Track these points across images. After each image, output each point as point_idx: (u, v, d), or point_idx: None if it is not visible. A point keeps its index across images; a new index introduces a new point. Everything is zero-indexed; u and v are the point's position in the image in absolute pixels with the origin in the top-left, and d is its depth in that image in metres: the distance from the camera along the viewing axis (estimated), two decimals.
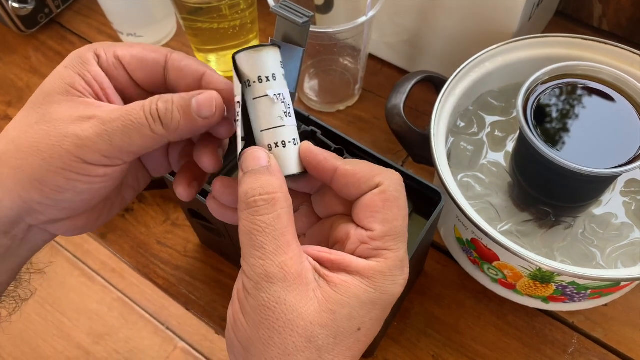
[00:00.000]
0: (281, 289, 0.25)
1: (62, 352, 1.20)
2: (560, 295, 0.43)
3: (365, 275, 0.26)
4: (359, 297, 0.26)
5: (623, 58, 0.46)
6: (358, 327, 0.26)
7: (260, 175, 0.27)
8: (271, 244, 0.25)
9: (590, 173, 0.38)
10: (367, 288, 0.26)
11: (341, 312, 0.25)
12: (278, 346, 0.25)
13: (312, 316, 0.25)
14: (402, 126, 0.47)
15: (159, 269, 0.52)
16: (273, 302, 0.25)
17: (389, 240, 0.27)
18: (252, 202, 0.26)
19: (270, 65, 0.31)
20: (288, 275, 0.25)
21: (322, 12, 0.59)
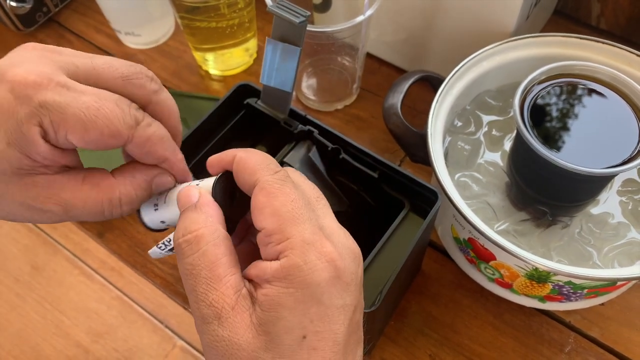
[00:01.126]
0: (217, 327, 0.25)
1: (61, 351, 1.20)
2: (557, 295, 0.43)
3: (280, 277, 0.24)
4: (284, 304, 0.24)
5: (620, 57, 0.46)
6: (302, 335, 0.24)
7: (186, 214, 0.27)
8: (201, 285, 0.25)
9: (586, 173, 0.38)
10: (287, 290, 0.24)
11: (275, 330, 0.24)
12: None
13: (252, 343, 0.24)
14: (399, 126, 0.47)
15: (156, 268, 0.52)
16: (213, 341, 0.25)
17: (285, 228, 0.25)
18: (177, 247, 0.26)
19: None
20: (222, 312, 0.24)
21: (320, 11, 0.59)
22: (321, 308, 0.25)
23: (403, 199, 0.41)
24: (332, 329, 0.25)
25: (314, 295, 0.25)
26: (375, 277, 0.38)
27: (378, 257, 0.38)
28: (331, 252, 0.25)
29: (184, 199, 0.27)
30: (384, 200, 0.41)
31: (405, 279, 0.46)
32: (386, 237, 0.39)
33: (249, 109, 0.43)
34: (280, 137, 0.42)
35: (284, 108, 0.41)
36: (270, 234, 0.25)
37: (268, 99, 0.42)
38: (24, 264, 1.33)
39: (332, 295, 0.25)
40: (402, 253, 0.37)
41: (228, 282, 0.25)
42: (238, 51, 0.62)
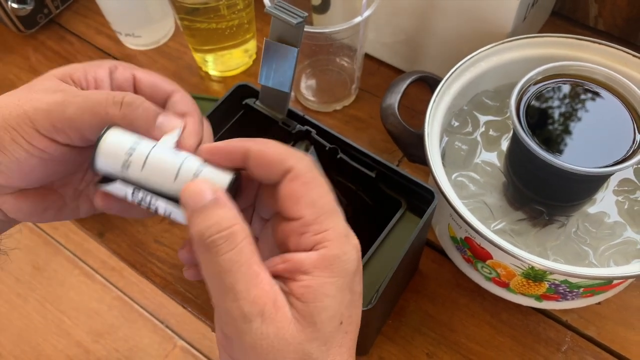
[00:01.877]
0: (261, 324, 0.24)
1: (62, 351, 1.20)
2: (553, 294, 0.43)
3: (322, 267, 0.25)
4: (328, 293, 0.25)
5: (616, 58, 0.47)
6: (340, 321, 0.26)
7: (210, 210, 0.25)
8: (241, 283, 0.24)
9: (582, 172, 0.38)
10: (330, 279, 0.25)
11: (320, 319, 0.25)
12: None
13: (297, 337, 0.25)
14: (397, 126, 0.47)
15: (156, 267, 0.52)
16: (258, 340, 0.24)
17: (324, 220, 0.26)
18: (211, 244, 0.24)
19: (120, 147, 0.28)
20: (265, 308, 0.24)
21: (319, 12, 0.59)
22: (353, 296, 0.26)
23: (400, 198, 0.41)
24: (357, 313, 0.27)
25: (349, 284, 0.26)
26: (373, 275, 0.38)
27: (375, 256, 0.39)
28: (357, 243, 0.27)
29: (196, 196, 0.26)
30: (381, 200, 0.42)
31: (403, 278, 0.47)
32: (383, 236, 0.39)
33: (248, 109, 0.43)
34: (279, 137, 0.42)
35: (282, 108, 0.42)
36: (309, 224, 0.26)
37: (266, 99, 0.42)
38: (25, 264, 1.33)
39: (358, 283, 0.27)
40: (399, 252, 0.37)
41: (264, 278, 0.25)
42: (237, 52, 0.62)
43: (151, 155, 0.28)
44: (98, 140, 0.28)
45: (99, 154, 0.28)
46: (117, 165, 0.28)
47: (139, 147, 0.28)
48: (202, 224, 0.25)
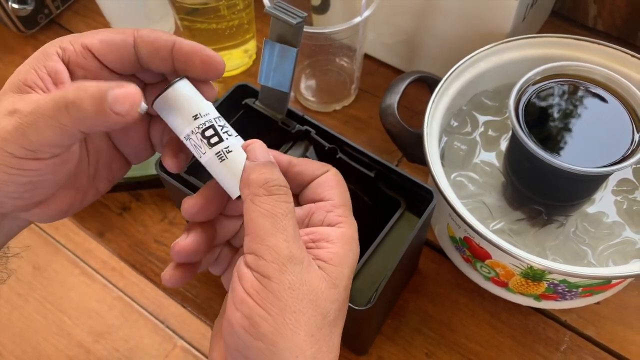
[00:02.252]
0: (303, 270, 0.26)
1: (63, 351, 1.20)
2: (552, 294, 0.43)
3: (345, 241, 0.29)
4: (347, 264, 0.28)
5: (615, 58, 0.47)
6: (347, 295, 0.29)
7: (274, 168, 0.28)
8: (292, 227, 0.27)
9: (581, 172, 0.38)
10: (349, 253, 0.29)
11: (342, 284, 0.28)
12: (304, 328, 0.26)
13: (325, 294, 0.27)
14: (396, 126, 0.48)
15: (156, 267, 0.52)
16: (297, 283, 0.26)
17: (346, 210, 0.31)
18: (274, 189, 0.27)
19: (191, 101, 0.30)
20: (305, 257, 0.27)
21: (318, 12, 0.60)
22: (352, 271, 0.29)
23: (399, 198, 0.41)
24: (350, 286, 0.30)
25: (354, 261, 0.29)
26: (372, 275, 0.38)
27: (374, 256, 0.39)
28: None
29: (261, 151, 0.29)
30: (380, 200, 0.42)
31: (402, 277, 0.47)
32: (382, 235, 0.39)
33: (247, 109, 0.43)
34: (278, 137, 0.42)
35: (282, 108, 0.42)
36: (336, 206, 0.30)
37: (266, 99, 0.42)
38: (26, 264, 1.33)
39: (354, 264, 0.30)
40: (398, 252, 0.37)
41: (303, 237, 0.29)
42: (237, 52, 0.62)
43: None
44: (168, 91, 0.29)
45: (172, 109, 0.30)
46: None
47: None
48: (269, 175, 0.28)
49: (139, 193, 0.56)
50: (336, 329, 0.28)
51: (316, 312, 0.26)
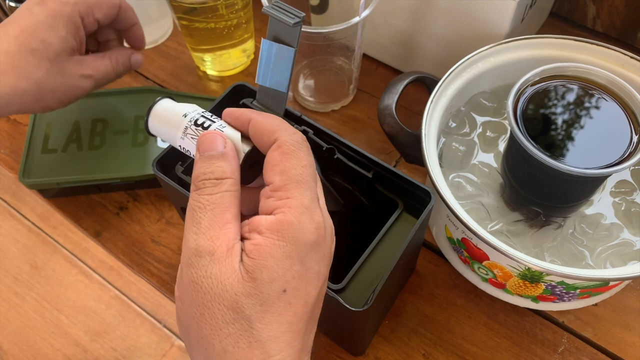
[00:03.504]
0: (208, 262, 0.26)
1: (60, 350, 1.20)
2: (550, 295, 0.43)
3: (274, 230, 0.26)
4: (273, 255, 0.26)
5: (614, 59, 0.47)
6: (283, 288, 0.26)
7: (214, 160, 0.28)
8: (207, 219, 0.26)
9: (579, 173, 0.38)
10: (278, 242, 0.26)
11: (261, 277, 0.26)
12: (209, 322, 0.26)
13: (236, 287, 0.25)
14: (394, 126, 0.47)
15: (152, 267, 0.52)
16: (200, 276, 0.26)
17: (290, 188, 0.27)
18: (200, 184, 0.28)
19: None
20: (217, 249, 0.26)
21: (317, 12, 0.59)
22: (303, 268, 0.27)
23: (397, 199, 0.41)
24: (307, 290, 0.27)
25: (299, 254, 0.27)
26: (369, 276, 0.38)
27: (372, 256, 0.39)
28: (320, 221, 0.28)
29: (209, 144, 0.29)
30: (378, 200, 0.42)
31: (399, 278, 0.47)
32: (380, 236, 0.39)
33: None
34: None
35: (280, 108, 0.41)
36: (275, 189, 0.27)
37: (264, 99, 0.42)
38: (23, 263, 1.33)
39: (312, 259, 0.27)
40: (396, 252, 0.37)
41: (231, 228, 0.27)
42: (235, 52, 0.62)
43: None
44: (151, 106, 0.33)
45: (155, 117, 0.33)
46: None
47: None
48: (202, 168, 0.28)
49: (136, 193, 0.56)
50: (260, 324, 0.26)
51: (224, 306, 0.25)
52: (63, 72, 0.44)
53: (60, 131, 0.55)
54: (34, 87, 0.43)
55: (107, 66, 0.48)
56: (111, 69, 0.48)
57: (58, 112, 0.56)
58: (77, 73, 0.45)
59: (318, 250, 0.28)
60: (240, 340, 0.25)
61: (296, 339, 0.27)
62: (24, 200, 1.43)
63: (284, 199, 0.27)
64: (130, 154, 0.54)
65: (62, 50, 0.44)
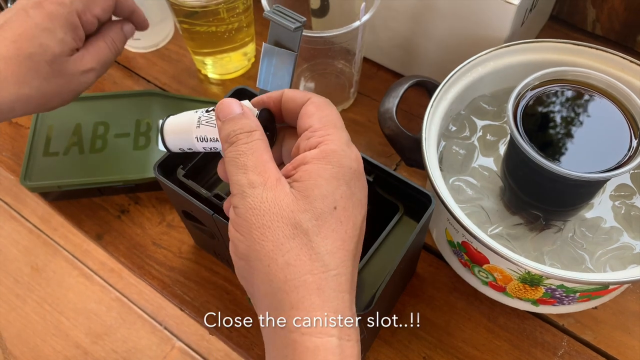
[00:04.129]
0: (262, 191, 0.28)
1: (61, 352, 1.20)
2: (550, 298, 0.43)
3: (320, 157, 0.29)
4: (322, 175, 0.29)
5: (613, 63, 0.47)
6: (334, 205, 0.29)
7: (237, 119, 0.31)
8: (252, 160, 0.29)
9: (579, 177, 0.39)
10: (325, 166, 0.29)
11: (313, 194, 0.28)
12: (271, 240, 0.28)
13: (292, 205, 0.28)
14: (394, 130, 0.48)
15: (154, 270, 0.52)
16: (257, 202, 0.28)
17: (328, 128, 0.30)
18: (233, 139, 0.30)
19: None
20: (268, 180, 0.29)
21: (317, 16, 0.60)
22: (349, 190, 0.29)
23: (398, 202, 0.41)
24: (354, 212, 0.30)
25: (345, 176, 0.29)
26: (370, 279, 0.38)
27: (373, 260, 0.39)
28: (359, 156, 0.31)
29: (228, 109, 0.31)
30: (379, 204, 0.42)
31: (400, 281, 0.47)
32: (381, 240, 0.39)
33: None
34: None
35: None
36: (315, 130, 0.30)
37: None
38: (24, 265, 1.33)
39: (356, 186, 0.30)
40: (397, 256, 0.37)
41: (272, 167, 0.30)
42: (236, 55, 0.63)
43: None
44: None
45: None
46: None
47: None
48: (230, 128, 0.31)
49: (137, 196, 0.56)
50: (317, 237, 0.28)
51: (283, 223, 0.28)
52: (64, 73, 0.44)
53: (61, 134, 0.56)
54: (36, 92, 0.43)
55: (104, 51, 0.47)
56: (109, 52, 0.47)
57: (60, 115, 0.56)
58: (78, 70, 0.45)
59: (360, 178, 0.30)
60: (301, 253, 0.27)
61: (349, 259, 0.29)
62: (25, 203, 1.43)
63: (325, 136, 0.30)
64: (131, 157, 0.54)
65: (61, 52, 0.43)
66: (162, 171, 0.41)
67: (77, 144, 0.55)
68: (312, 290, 0.27)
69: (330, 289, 0.28)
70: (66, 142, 0.55)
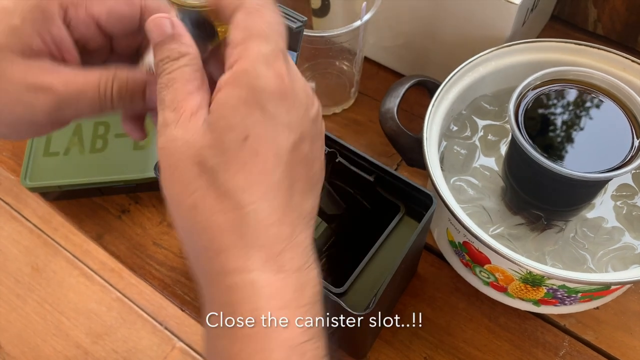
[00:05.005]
0: (174, 128, 0.26)
1: (61, 352, 1.20)
2: (551, 299, 0.43)
3: (230, 81, 0.26)
4: (228, 102, 0.25)
5: (615, 63, 0.47)
6: (244, 135, 0.25)
7: (165, 44, 0.27)
8: (170, 94, 0.26)
9: (580, 177, 0.38)
10: (232, 90, 0.25)
11: (219, 126, 0.25)
12: (178, 181, 0.26)
13: (199, 141, 0.25)
14: (395, 130, 0.48)
15: (154, 270, 0.52)
16: (167, 140, 0.26)
17: (250, 42, 0.26)
18: (160, 70, 0.27)
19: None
20: (181, 116, 0.26)
21: (318, 15, 0.59)
22: (265, 115, 0.26)
23: (399, 202, 0.41)
24: (275, 139, 0.26)
25: (258, 100, 0.25)
26: (371, 279, 0.38)
27: (374, 260, 0.39)
28: (282, 72, 0.26)
29: (157, 29, 0.27)
30: (380, 204, 0.42)
31: (401, 281, 0.47)
32: (382, 240, 0.39)
33: None
34: None
35: None
36: (234, 46, 0.26)
37: None
38: (24, 265, 1.33)
39: (277, 108, 0.26)
40: (398, 256, 0.37)
41: (195, 98, 0.26)
42: None
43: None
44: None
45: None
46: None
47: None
48: (157, 57, 0.27)
49: (138, 196, 0.56)
50: (225, 174, 0.25)
51: (189, 162, 0.25)
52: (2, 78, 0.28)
53: (62, 134, 0.56)
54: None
55: (87, 82, 0.29)
56: (96, 87, 0.29)
57: None
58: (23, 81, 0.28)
59: (284, 99, 0.26)
60: (207, 193, 0.25)
61: (272, 191, 0.26)
62: (26, 203, 1.43)
63: (242, 52, 0.26)
64: (132, 157, 0.54)
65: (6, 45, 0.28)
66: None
67: (78, 144, 0.55)
68: (225, 229, 0.25)
69: (248, 226, 0.25)
70: (66, 142, 0.55)
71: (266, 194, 0.26)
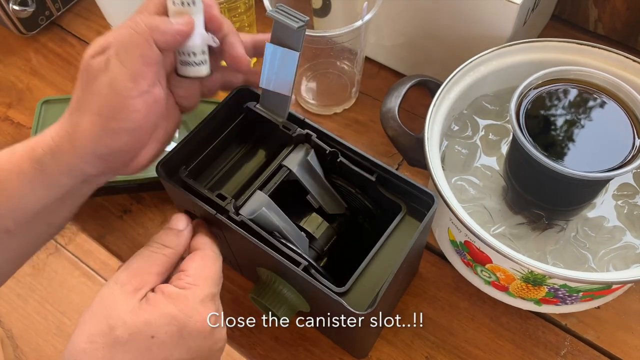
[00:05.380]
0: (118, 288, 0.33)
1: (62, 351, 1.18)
2: (553, 298, 0.43)
3: (172, 297, 0.33)
4: (159, 308, 0.32)
5: (615, 62, 0.47)
6: (152, 334, 0.32)
7: (170, 234, 0.37)
8: (137, 263, 0.35)
9: (581, 177, 0.38)
10: (168, 303, 0.33)
11: (142, 317, 0.32)
12: (89, 327, 0.32)
13: (123, 312, 0.32)
14: (397, 130, 0.48)
15: None
16: (103, 294, 0.33)
17: (198, 280, 0.35)
18: (152, 242, 0.36)
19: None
20: (127, 285, 0.33)
21: (319, 15, 0.60)
22: (177, 333, 0.33)
23: (400, 202, 0.41)
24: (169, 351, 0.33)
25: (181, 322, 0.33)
26: (372, 279, 0.38)
27: (375, 260, 0.39)
28: (209, 313, 0.34)
29: (175, 221, 0.39)
30: (381, 204, 0.42)
31: (403, 281, 0.47)
32: (383, 239, 0.39)
33: (249, 113, 0.43)
34: (279, 141, 0.42)
35: (283, 112, 0.42)
36: (187, 276, 0.35)
37: (267, 102, 0.42)
38: (25, 265, 1.33)
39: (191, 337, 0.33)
40: (399, 256, 0.37)
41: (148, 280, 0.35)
42: None
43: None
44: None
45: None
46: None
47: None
48: (160, 235, 0.37)
49: (140, 196, 0.56)
50: (121, 348, 0.31)
51: (106, 319, 0.32)
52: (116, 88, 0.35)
53: None
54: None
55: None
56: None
57: (61, 115, 0.56)
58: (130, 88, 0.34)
59: (200, 337, 0.33)
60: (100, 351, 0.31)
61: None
62: None
63: (191, 285, 0.34)
64: None
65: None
66: (164, 171, 0.41)
67: None
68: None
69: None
70: None
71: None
